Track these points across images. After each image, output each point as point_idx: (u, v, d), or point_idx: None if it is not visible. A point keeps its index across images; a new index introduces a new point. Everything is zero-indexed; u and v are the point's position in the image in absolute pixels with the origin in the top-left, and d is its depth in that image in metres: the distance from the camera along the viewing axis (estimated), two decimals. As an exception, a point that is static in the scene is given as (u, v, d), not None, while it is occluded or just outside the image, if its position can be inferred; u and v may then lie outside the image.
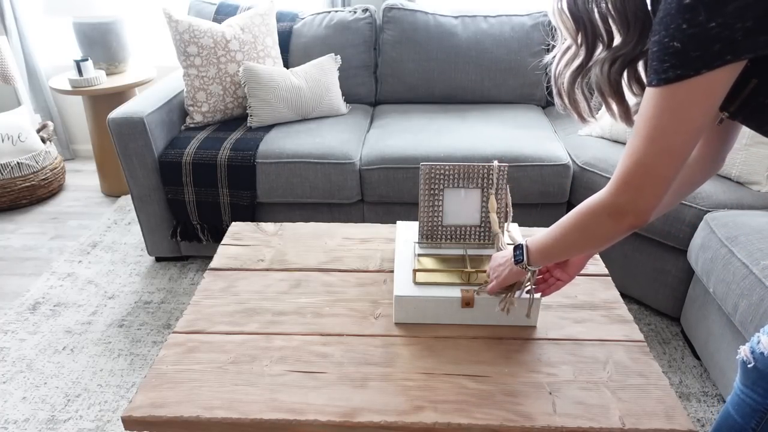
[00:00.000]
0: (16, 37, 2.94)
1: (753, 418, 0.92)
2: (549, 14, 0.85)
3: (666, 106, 0.69)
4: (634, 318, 1.95)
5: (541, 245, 0.94)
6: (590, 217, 0.82)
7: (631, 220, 0.77)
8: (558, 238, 0.89)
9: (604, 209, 0.80)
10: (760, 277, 1.36)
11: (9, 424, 1.57)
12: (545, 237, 0.93)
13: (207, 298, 1.23)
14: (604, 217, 0.80)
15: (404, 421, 0.92)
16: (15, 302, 2.08)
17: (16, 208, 2.77)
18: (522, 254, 0.97)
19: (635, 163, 0.74)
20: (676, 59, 0.66)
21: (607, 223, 0.80)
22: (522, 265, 0.97)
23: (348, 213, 2.14)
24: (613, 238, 0.82)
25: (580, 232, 0.85)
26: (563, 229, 0.88)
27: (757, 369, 0.85)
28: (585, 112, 0.89)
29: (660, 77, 0.69)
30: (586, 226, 0.84)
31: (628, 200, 0.76)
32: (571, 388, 0.99)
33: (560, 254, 0.92)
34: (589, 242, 0.86)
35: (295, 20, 2.54)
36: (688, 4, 0.64)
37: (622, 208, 0.77)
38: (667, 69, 0.67)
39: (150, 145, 2.06)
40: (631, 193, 0.75)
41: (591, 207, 0.82)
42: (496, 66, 2.44)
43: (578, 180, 2.00)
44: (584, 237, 0.85)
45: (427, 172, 1.22)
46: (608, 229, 0.81)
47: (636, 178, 0.74)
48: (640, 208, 0.76)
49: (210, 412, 0.94)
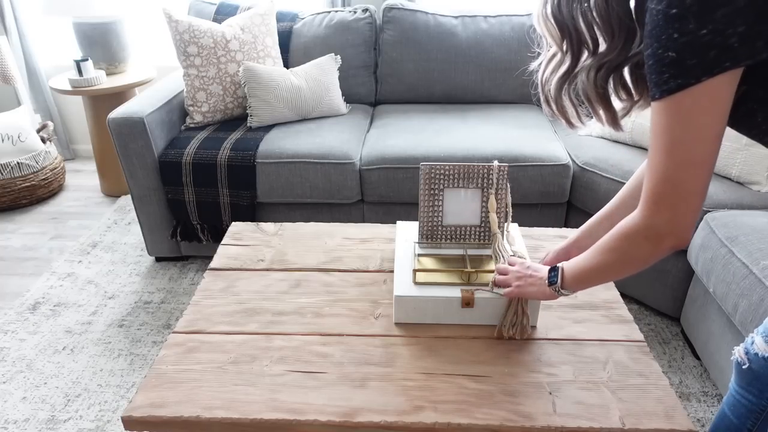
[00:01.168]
0: (16, 37, 2.94)
1: (749, 419, 0.92)
2: (534, 21, 0.85)
3: (674, 117, 0.68)
4: (634, 318, 1.95)
5: (577, 270, 0.90)
6: (627, 242, 0.80)
7: (672, 241, 0.75)
8: (594, 264, 0.86)
9: (639, 233, 0.77)
10: (760, 277, 1.36)
11: (9, 424, 1.57)
12: (581, 261, 0.90)
13: (207, 298, 1.23)
14: (641, 240, 0.77)
15: (404, 421, 0.92)
16: (15, 302, 2.08)
17: (16, 208, 2.77)
18: (557, 277, 0.94)
19: (660, 181, 0.72)
20: (674, 69, 0.66)
21: (645, 247, 0.77)
22: (555, 287, 0.95)
23: (348, 213, 2.14)
24: (652, 260, 0.79)
25: (617, 257, 0.82)
26: (600, 254, 0.85)
27: (751, 370, 0.85)
28: (573, 118, 0.88)
29: (662, 89, 0.68)
30: (623, 251, 0.81)
31: (664, 221, 0.74)
32: (571, 388, 0.99)
33: (597, 279, 0.89)
34: (626, 267, 0.83)
35: (295, 20, 2.54)
36: (676, 14, 0.64)
37: (659, 230, 0.75)
38: (667, 80, 0.67)
39: (150, 145, 2.06)
40: (666, 213, 0.73)
41: (626, 231, 0.80)
42: (496, 66, 2.44)
43: (578, 180, 2.00)
44: (622, 262, 0.82)
45: (427, 172, 1.22)
46: (647, 252, 0.78)
47: (665, 196, 0.72)
48: (678, 228, 0.73)
49: (210, 412, 0.94)
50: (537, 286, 0.99)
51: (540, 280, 0.99)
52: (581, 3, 0.78)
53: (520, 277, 1.03)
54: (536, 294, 1.00)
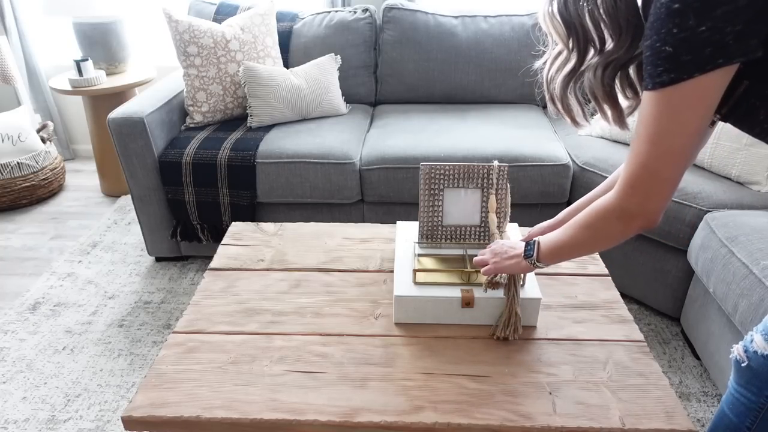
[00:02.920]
0: (16, 37, 2.94)
1: (748, 417, 0.92)
2: (539, 19, 0.85)
3: (663, 109, 0.71)
4: (634, 318, 1.95)
5: (552, 244, 0.95)
6: (600, 220, 0.84)
7: (640, 222, 0.79)
8: (569, 239, 0.91)
9: (613, 213, 0.81)
10: (760, 277, 1.36)
11: (9, 424, 1.57)
12: (556, 236, 0.94)
13: (207, 298, 1.23)
14: (613, 220, 0.82)
15: (404, 421, 0.92)
16: (15, 302, 2.08)
17: (16, 208, 2.77)
18: (532, 250, 0.98)
19: (639, 167, 0.75)
20: (668, 63, 0.67)
21: (616, 226, 0.82)
22: (531, 260, 0.98)
23: (348, 213, 2.14)
24: (623, 239, 0.84)
25: (590, 234, 0.87)
26: (574, 230, 0.90)
27: (750, 368, 0.85)
28: (579, 117, 0.89)
29: (655, 81, 0.70)
30: (596, 228, 0.86)
31: (636, 204, 0.78)
32: (571, 388, 0.99)
33: (570, 253, 0.94)
34: (598, 243, 0.88)
35: (295, 20, 2.54)
36: (677, 9, 0.65)
37: (631, 212, 0.79)
38: (660, 73, 0.68)
39: (150, 145, 2.06)
40: (639, 197, 0.77)
41: (600, 210, 0.84)
42: (496, 66, 2.44)
43: (578, 180, 2.00)
44: (594, 238, 0.87)
45: (427, 172, 1.22)
46: (618, 231, 0.83)
47: (641, 181, 0.76)
48: (648, 211, 0.78)
49: (210, 412, 0.94)
50: (514, 260, 1.02)
51: (516, 254, 1.02)
52: (588, 1, 0.78)
53: (497, 253, 1.06)
54: (512, 267, 1.03)
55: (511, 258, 1.03)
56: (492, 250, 1.08)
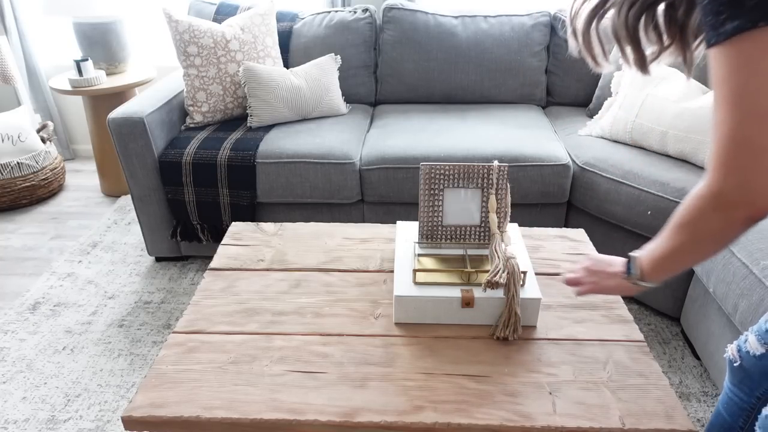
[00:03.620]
0: (16, 37, 2.94)
1: (740, 417, 0.92)
2: None
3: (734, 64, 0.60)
4: (634, 318, 1.95)
5: (652, 256, 0.81)
6: (696, 215, 0.69)
7: (744, 210, 0.63)
8: (668, 245, 0.77)
9: (708, 203, 0.66)
10: (760, 277, 1.36)
11: (9, 424, 1.57)
12: (656, 245, 0.80)
13: (207, 298, 1.23)
14: (710, 212, 0.66)
15: (404, 421, 0.92)
16: (15, 302, 2.08)
17: (16, 208, 2.77)
18: (635, 269, 0.85)
19: (725, 138, 0.62)
20: (732, 9, 0.58)
21: (715, 219, 0.66)
22: (632, 279, 0.86)
23: (348, 213, 2.14)
24: (731, 235, 0.68)
25: (689, 235, 0.72)
26: (672, 234, 0.75)
27: (743, 368, 0.85)
28: (599, 56, 0.82)
29: (718, 32, 0.60)
30: (693, 225, 0.70)
31: (732, 186, 0.63)
32: (571, 388, 0.99)
33: (675, 264, 0.78)
34: (702, 246, 0.71)
35: (295, 20, 2.54)
36: None
37: (729, 198, 0.64)
38: (724, 21, 0.59)
39: (150, 145, 2.06)
40: (734, 177, 0.62)
41: (694, 202, 0.69)
42: (496, 66, 2.44)
43: (578, 180, 2.00)
44: (694, 240, 0.72)
45: (427, 172, 1.22)
46: (718, 226, 0.67)
47: (732, 156, 0.62)
48: (751, 193, 0.62)
49: (210, 412, 0.94)
50: (614, 280, 0.90)
51: (615, 272, 0.90)
52: None
53: (594, 272, 0.94)
54: (615, 288, 0.90)
55: (610, 277, 0.90)
56: (586, 267, 0.95)
